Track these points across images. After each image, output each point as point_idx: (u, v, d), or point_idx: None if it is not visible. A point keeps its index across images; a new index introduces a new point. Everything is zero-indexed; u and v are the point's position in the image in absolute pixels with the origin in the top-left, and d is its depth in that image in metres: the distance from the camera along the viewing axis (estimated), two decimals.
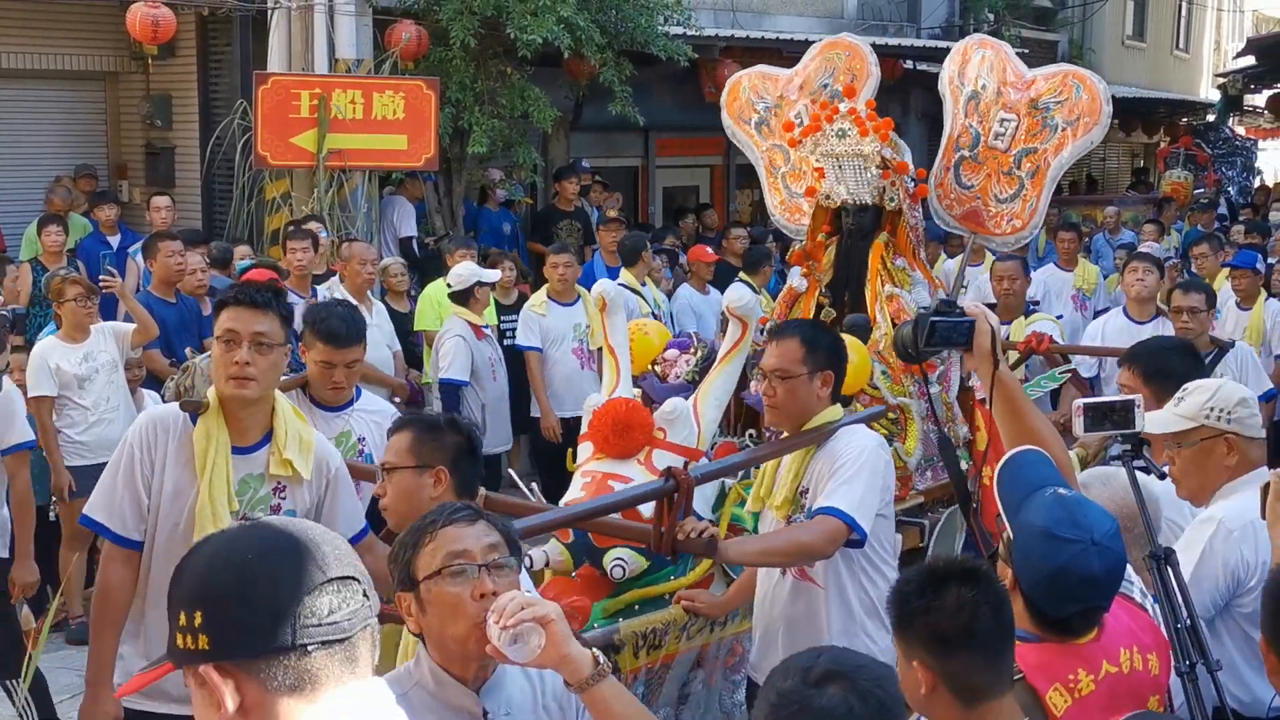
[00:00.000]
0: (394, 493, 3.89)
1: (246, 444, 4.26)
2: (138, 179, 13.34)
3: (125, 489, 4.21)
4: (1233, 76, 26.04)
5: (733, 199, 18.31)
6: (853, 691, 2.28)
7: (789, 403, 4.56)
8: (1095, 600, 3.11)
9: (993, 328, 3.63)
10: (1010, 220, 6.48)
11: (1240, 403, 4.09)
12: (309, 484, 4.34)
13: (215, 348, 4.18)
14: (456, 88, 12.45)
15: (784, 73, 7.09)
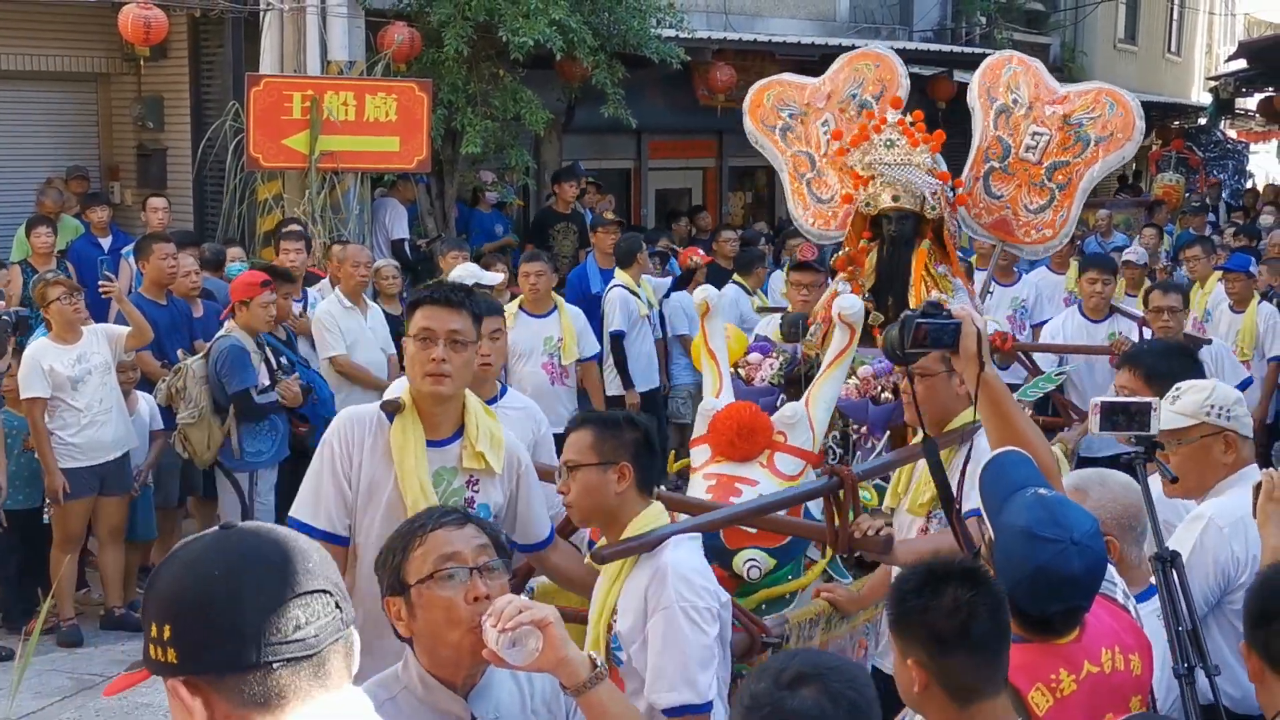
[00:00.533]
0: (579, 490, 3.91)
1: (440, 438, 4.28)
2: (129, 180, 13.32)
3: (330, 486, 4.25)
4: (1224, 80, 26.08)
5: (725, 201, 18.32)
6: (825, 693, 2.29)
7: (929, 402, 4.50)
8: (1076, 600, 3.13)
9: (979, 330, 3.62)
10: (1040, 230, 6.60)
11: (1237, 401, 4.13)
12: (500, 479, 4.36)
13: (410, 345, 4.21)
14: (449, 90, 12.44)
15: (810, 81, 7.18)
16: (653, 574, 3.79)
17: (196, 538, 1.98)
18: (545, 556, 4.50)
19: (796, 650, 2.43)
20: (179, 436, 8.06)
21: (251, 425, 8.04)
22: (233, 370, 7.90)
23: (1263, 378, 10.19)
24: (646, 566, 3.83)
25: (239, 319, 8.07)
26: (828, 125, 6.86)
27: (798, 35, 17.09)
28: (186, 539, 2.00)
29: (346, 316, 9.29)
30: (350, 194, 11.93)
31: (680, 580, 3.76)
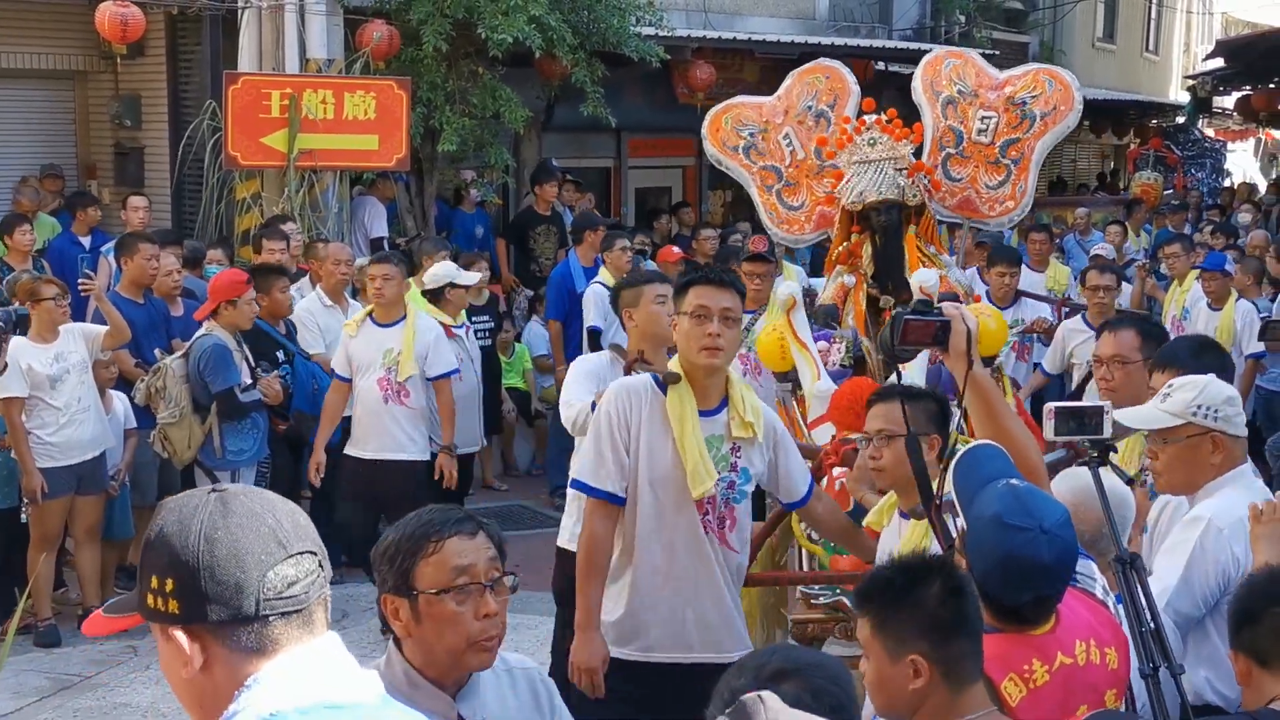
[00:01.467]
0: (892, 458, 4.33)
1: (709, 408, 4.74)
2: (106, 179, 13.26)
3: (609, 451, 4.72)
4: (1202, 78, 26.19)
5: (705, 199, 18.32)
6: (806, 689, 2.31)
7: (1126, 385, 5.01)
8: (1046, 588, 3.15)
9: (969, 329, 3.63)
10: (1003, 203, 7.10)
11: (1227, 400, 4.12)
12: (760, 445, 4.81)
13: (685, 322, 4.64)
14: (427, 88, 12.42)
15: (764, 100, 7.63)
16: None
17: (190, 497, 2.15)
18: (810, 509, 5.05)
19: (775, 647, 2.43)
20: (159, 436, 8.03)
21: (234, 424, 8.03)
22: (217, 369, 7.88)
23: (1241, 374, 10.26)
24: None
25: (222, 318, 8.05)
26: (789, 138, 7.31)
27: (777, 34, 17.09)
28: (178, 496, 2.18)
29: (326, 315, 9.29)
30: (329, 192, 11.91)
31: None
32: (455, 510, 3.07)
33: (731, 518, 4.80)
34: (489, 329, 11.16)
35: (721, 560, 4.81)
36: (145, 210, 11.28)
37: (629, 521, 4.77)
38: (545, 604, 8.76)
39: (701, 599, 4.79)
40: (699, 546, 4.76)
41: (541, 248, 13.49)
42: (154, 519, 2.15)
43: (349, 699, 2.12)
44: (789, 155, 7.34)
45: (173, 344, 8.67)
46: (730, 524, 4.81)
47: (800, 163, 7.30)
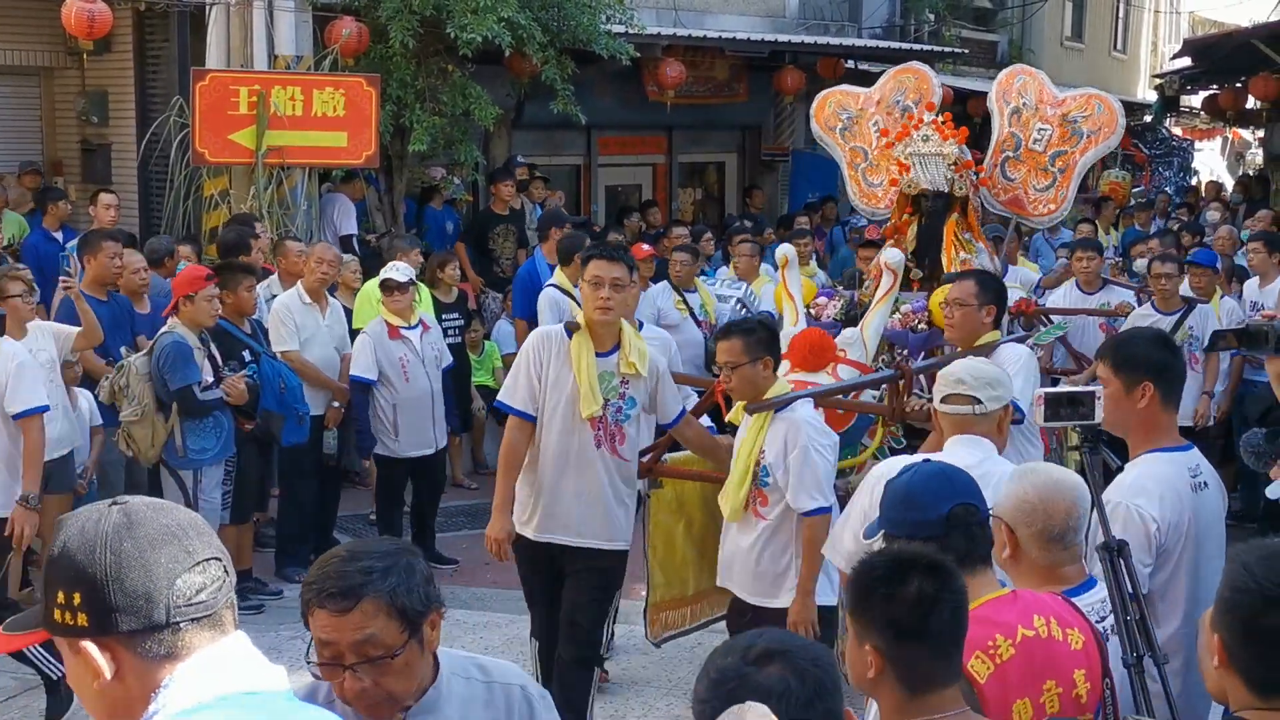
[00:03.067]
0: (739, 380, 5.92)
1: (604, 350, 6.11)
2: (73, 175, 13.18)
3: (524, 379, 6.12)
4: (1170, 77, 26.31)
5: (675, 197, 18.32)
6: (791, 671, 2.32)
7: (964, 325, 6.54)
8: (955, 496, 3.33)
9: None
10: (1046, 205, 8.44)
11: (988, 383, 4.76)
12: (644, 380, 6.17)
13: (584, 288, 6.09)
14: (397, 85, 12.38)
15: (864, 91, 9.13)
16: (789, 424, 5.81)
17: (91, 510, 2.17)
18: (680, 430, 6.47)
19: (763, 630, 2.46)
20: (123, 434, 7.98)
21: (195, 422, 7.98)
22: (174, 367, 7.83)
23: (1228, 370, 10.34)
24: (782, 419, 5.85)
25: (182, 314, 8.00)
26: (876, 124, 8.73)
27: (747, 32, 17.11)
28: (77, 511, 2.20)
29: (304, 313, 9.26)
30: (298, 189, 11.86)
31: (810, 426, 5.83)
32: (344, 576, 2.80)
33: (620, 434, 6.17)
34: (459, 327, 11.13)
35: (611, 467, 6.17)
36: (115, 208, 11.19)
37: (539, 435, 6.13)
38: (515, 603, 8.75)
39: (590, 497, 6.15)
40: (589, 456, 6.12)
41: (501, 248, 13.44)
42: (55, 533, 2.16)
43: (264, 687, 2.17)
44: (875, 139, 8.76)
45: (137, 341, 8.61)
46: (620, 439, 6.17)
47: (883, 147, 8.70)
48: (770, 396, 5.91)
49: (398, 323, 9.08)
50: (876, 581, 2.85)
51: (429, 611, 2.84)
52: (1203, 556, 4.29)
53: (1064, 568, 3.68)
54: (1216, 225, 16.41)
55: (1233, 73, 22.13)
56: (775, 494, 5.85)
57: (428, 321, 9.50)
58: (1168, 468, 4.19)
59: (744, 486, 5.92)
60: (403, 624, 2.78)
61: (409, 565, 2.84)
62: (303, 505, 9.28)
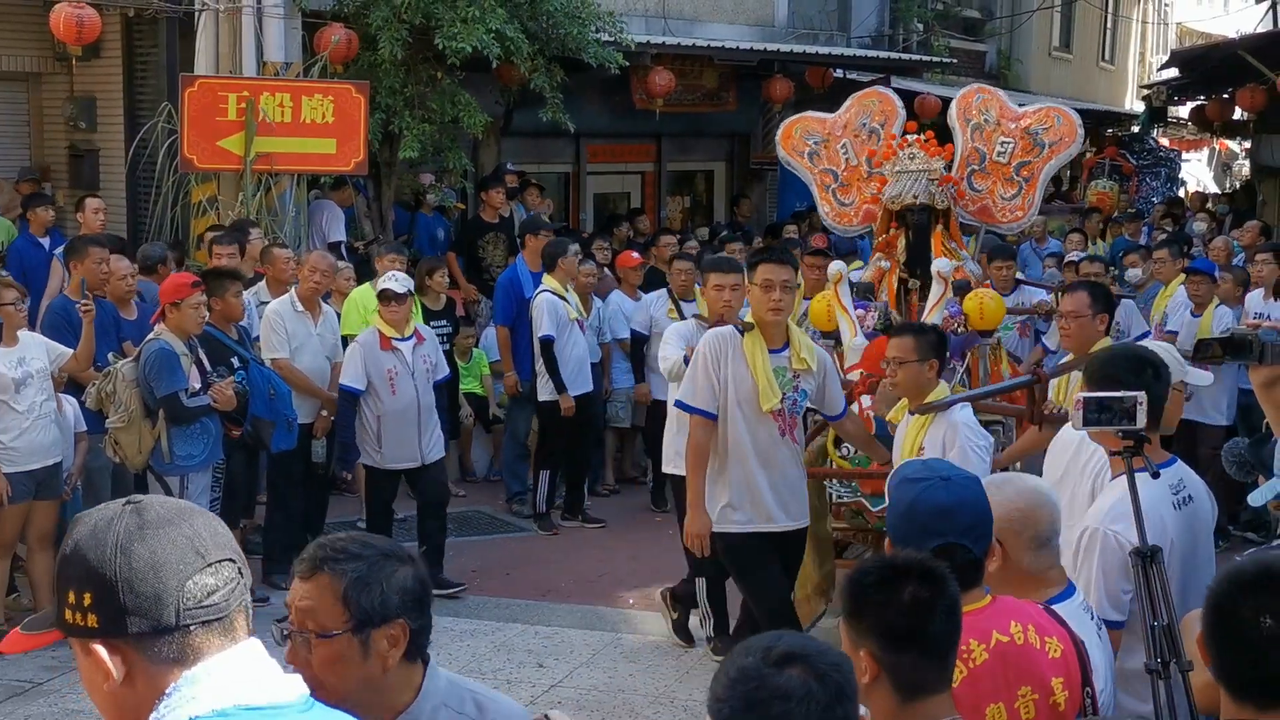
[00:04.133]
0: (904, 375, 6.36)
1: (775, 347, 6.69)
2: (61, 181, 13.14)
3: (703, 379, 6.65)
4: (1157, 88, 26.33)
5: (664, 205, 18.33)
6: (812, 674, 2.32)
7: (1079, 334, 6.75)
8: (951, 533, 3.25)
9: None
10: (1014, 212, 8.83)
11: None
12: (814, 374, 6.76)
13: (755, 290, 6.60)
14: (386, 93, 12.37)
15: (828, 116, 9.41)
16: (948, 425, 6.23)
17: (104, 509, 2.14)
18: (842, 424, 7.12)
19: (782, 632, 2.47)
20: (110, 440, 7.97)
21: (182, 429, 7.96)
22: (160, 373, 7.82)
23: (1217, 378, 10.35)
24: (942, 421, 6.28)
25: (169, 321, 7.98)
26: (846, 148, 9.12)
27: (736, 40, 17.13)
28: (91, 510, 2.16)
29: (296, 320, 9.25)
30: (286, 196, 11.84)
31: (967, 428, 6.25)
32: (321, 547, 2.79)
33: (795, 423, 6.81)
34: (447, 334, 11.12)
35: (795, 453, 6.85)
36: (103, 212, 11.16)
37: (721, 432, 6.69)
38: (503, 610, 8.77)
39: (782, 479, 6.77)
40: (777, 444, 6.72)
41: (491, 255, 13.43)
42: (68, 534, 2.13)
43: (268, 702, 2.12)
44: (844, 162, 9.12)
45: (124, 347, 8.60)
46: (795, 427, 6.82)
47: (853, 169, 9.09)
48: (932, 399, 6.35)
49: (390, 333, 8.96)
50: (871, 587, 2.86)
51: (385, 619, 2.72)
52: (1189, 571, 4.29)
53: (1049, 572, 3.70)
54: (1204, 236, 16.47)
55: (1220, 84, 22.17)
56: None
57: (423, 333, 9.33)
58: (1147, 489, 4.18)
59: None
60: (346, 613, 2.70)
61: (381, 565, 2.75)
62: (290, 513, 9.26)
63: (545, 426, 10.69)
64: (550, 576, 9.55)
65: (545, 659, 7.94)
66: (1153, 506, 4.14)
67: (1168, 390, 4.59)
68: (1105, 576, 4.09)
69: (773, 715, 2.30)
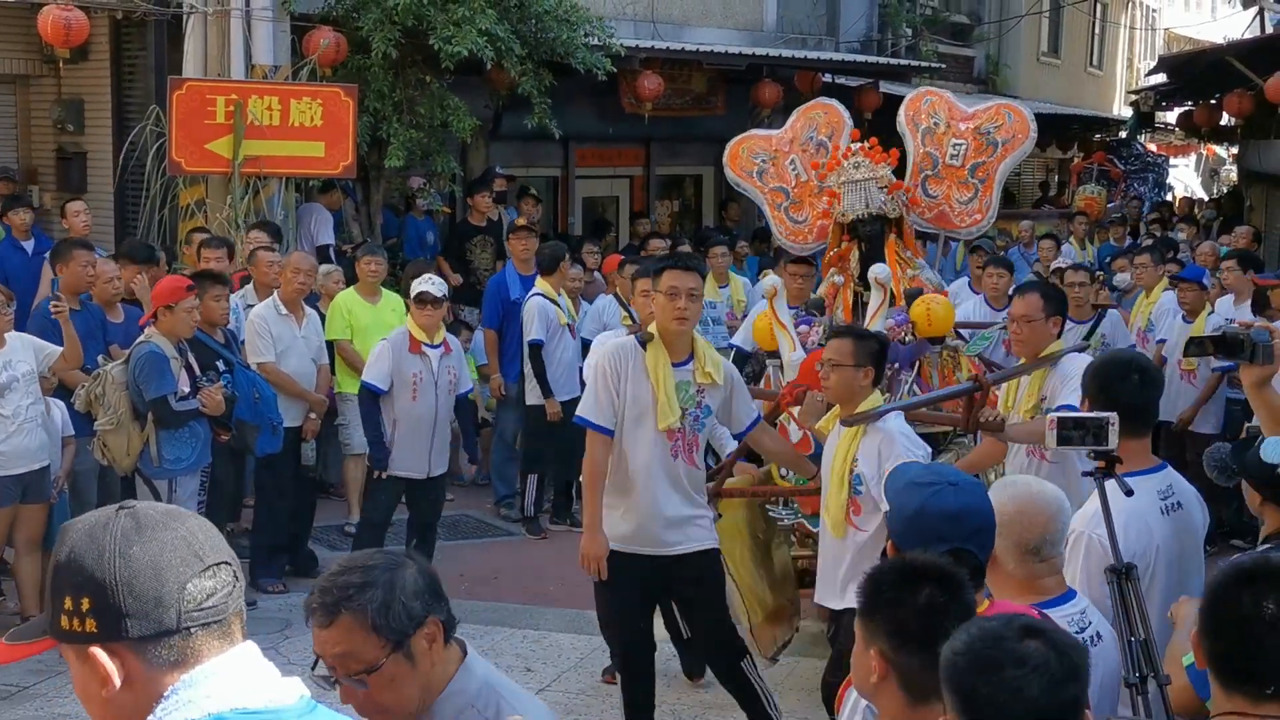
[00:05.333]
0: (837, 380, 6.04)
1: (679, 360, 6.21)
2: (48, 184, 13.11)
3: (603, 393, 6.16)
4: (1145, 94, 26.44)
5: (652, 209, 18.34)
6: (1052, 649, 2.37)
7: (1031, 338, 6.69)
8: (958, 539, 3.23)
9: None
10: (972, 215, 8.50)
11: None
12: (720, 388, 6.27)
13: (660, 298, 6.10)
14: (375, 97, 12.36)
15: (774, 133, 9.15)
16: (883, 435, 5.95)
17: (98, 515, 2.14)
18: (755, 437, 6.55)
19: (1015, 614, 2.52)
20: (98, 443, 7.95)
21: (170, 432, 7.95)
22: (150, 377, 7.80)
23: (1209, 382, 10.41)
24: (876, 431, 5.98)
25: (161, 324, 7.97)
26: (794, 164, 8.76)
27: (725, 45, 17.14)
28: (83, 516, 2.17)
29: (280, 323, 9.22)
30: (275, 199, 11.84)
31: (904, 438, 5.98)
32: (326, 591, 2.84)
33: (695, 443, 6.28)
34: None
35: (685, 475, 6.27)
36: (84, 215, 11.13)
37: (618, 449, 6.20)
38: (491, 614, 8.76)
39: (670, 506, 6.24)
40: (668, 466, 6.20)
41: (479, 259, 13.43)
42: (61, 541, 2.13)
43: (266, 705, 2.12)
44: (794, 178, 8.77)
45: (111, 350, 8.58)
46: (696, 447, 6.29)
47: (803, 184, 8.74)
48: (864, 409, 6.04)
49: (421, 338, 8.65)
50: (887, 587, 2.88)
51: (416, 625, 2.82)
52: (1180, 577, 4.30)
53: (1042, 580, 3.69)
54: (1189, 242, 16.50)
55: (1207, 89, 22.24)
56: (869, 503, 5.92)
57: (450, 343, 8.96)
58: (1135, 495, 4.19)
59: (841, 495, 6.03)
60: (382, 640, 2.78)
61: (391, 580, 2.82)
62: (278, 516, 9.24)
63: (533, 430, 10.68)
64: (538, 581, 9.55)
65: (533, 663, 7.94)
66: (1139, 513, 4.15)
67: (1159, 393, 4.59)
68: (1090, 581, 4.09)
69: (1005, 678, 2.33)
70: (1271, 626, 2.62)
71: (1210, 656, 2.72)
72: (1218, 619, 2.71)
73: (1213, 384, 10.40)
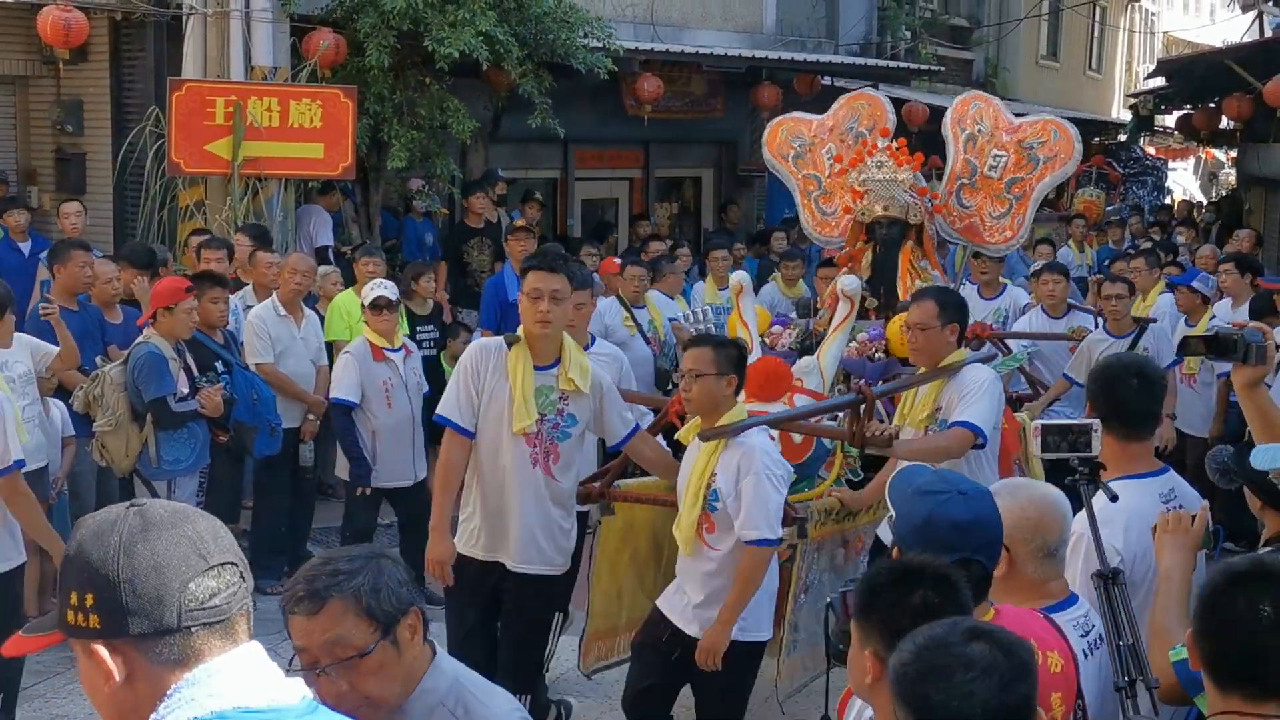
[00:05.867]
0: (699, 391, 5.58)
1: (543, 364, 5.87)
2: (47, 184, 13.09)
3: (462, 392, 5.86)
4: (1144, 97, 26.46)
5: (652, 211, 18.34)
6: (999, 649, 2.38)
7: (927, 347, 6.23)
8: (967, 549, 3.21)
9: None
10: (1003, 232, 8.23)
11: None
12: (587, 397, 5.92)
13: (523, 300, 5.80)
14: (374, 99, 12.36)
15: (815, 118, 8.91)
16: (744, 450, 5.54)
17: (108, 512, 2.18)
18: (636, 448, 6.17)
19: (960, 618, 2.54)
20: (97, 444, 7.94)
21: (169, 433, 7.94)
22: (149, 377, 7.79)
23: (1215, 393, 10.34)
24: (736, 445, 5.58)
25: (160, 325, 7.96)
26: (830, 152, 8.53)
27: (725, 47, 17.14)
28: (95, 513, 2.20)
29: (278, 324, 9.20)
30: (274, 200, 11.83)
31: (765, 455, 5.57)
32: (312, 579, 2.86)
33: (555, 452, 5.90)
34: (434, 339, 11.11)
35: (544, 486, 5.91)
36: (78, 215, 11.10)
37: (475, 452, 5.90)
38: None
39: (525, 517, 5.90)
40: (524, 474, 5.86)
41: (476, 261, 13.42)
42: (72, 535, 2.17)
43: (269, 704, 2.14)
44: (829, 167, 8.55)
45: (109, 351, 8.57)
46: (554, 457, 5.91)
47: (836, 175, 8.52)
48: (726, 421, 5.62)
49: (382, 344, 8.58)
50: (883, 587, 2.89)
51: (402, 612, 2.85)
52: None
53: (1051, 583, 3.70)
54: (1188, 246, 16.52)
55: (1206, 93, 22.28)
56: (724, 521, 5.59)
57: (409, 345, 9.01)
58: (1136, 496, 4.18)
59: (694, 511, 5.66)
60: (373, 624, 2.81)
61: (379, 567, 2.87)
62: (276, 518, 9.24)
63: None
64: None
65: None
66: (1142, 515, 4.15)
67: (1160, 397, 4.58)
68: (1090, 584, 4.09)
69: (955, 684, 2.34)
70: (1269, 628, 2.64)
71: (1206, 658, 2.73)
72: (1214, 621, 2.73)
73: (1223, 391, 10.32)
